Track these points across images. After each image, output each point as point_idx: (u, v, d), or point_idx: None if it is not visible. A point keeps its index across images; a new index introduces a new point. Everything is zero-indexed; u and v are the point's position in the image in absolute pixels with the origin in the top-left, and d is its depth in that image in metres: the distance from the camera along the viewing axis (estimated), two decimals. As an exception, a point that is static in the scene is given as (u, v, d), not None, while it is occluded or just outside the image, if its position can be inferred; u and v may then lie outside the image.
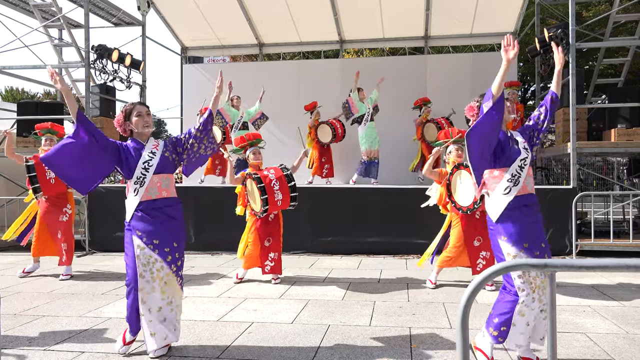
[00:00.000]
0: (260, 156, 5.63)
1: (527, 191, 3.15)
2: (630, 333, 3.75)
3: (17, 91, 29.18)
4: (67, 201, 6.12)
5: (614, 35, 10.27)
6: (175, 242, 3.44)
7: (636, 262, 1.60)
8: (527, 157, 3.15)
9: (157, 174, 3.43)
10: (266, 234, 5.50)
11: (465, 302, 1.65)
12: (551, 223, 6.85)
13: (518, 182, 3.12)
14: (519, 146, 3.17)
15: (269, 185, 5.16)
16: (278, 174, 5.26)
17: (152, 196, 3.40)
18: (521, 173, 3.12)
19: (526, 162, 3.14)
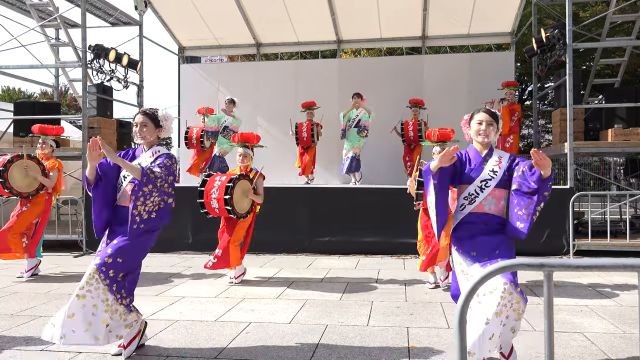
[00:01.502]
0: (246, 159, 5.54)
1: (482, 210, 3.11)
2: (627, 332, 3.76)
3: (13, 91, 29.10)
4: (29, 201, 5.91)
5: (610, 35, 10.29)
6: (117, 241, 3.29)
7: (633, 262, 1.60)
8: (492, 179, 3.10)
9: (132, 183, 3.35)
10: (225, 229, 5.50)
11: (462, 302, 1.66)
12: (548, 223, 6.87)
13: (474, 202, 3.12)
14: (485, 166, 3.14)
15: (207, 192, 5.23)
16: (223, 184, 5.17)
17: (120, 202, 3.42)
18: (480, 193, 3.10)
19: (488, 185, 3.09)
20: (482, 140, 3.18)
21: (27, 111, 8.80)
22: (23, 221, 5.93)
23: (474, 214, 3.13)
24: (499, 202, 3.13)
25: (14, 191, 5.74)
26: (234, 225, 5.48)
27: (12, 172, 5.72)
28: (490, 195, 3.11)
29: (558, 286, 5.15)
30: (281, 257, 7.16)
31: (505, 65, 10.14)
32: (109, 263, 3.25)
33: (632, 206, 8.64)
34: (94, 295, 3.25)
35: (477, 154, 3.21)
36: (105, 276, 3.25)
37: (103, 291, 3.25)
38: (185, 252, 7.61)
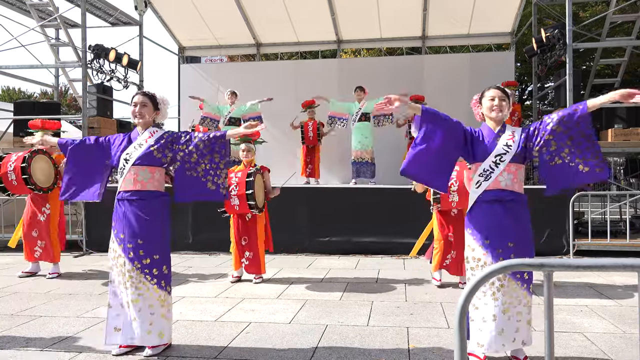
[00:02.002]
0: (250, 154, 5.55)
1: (499, 186, 3.10)
2: (627, 332, 3.76)
3: (13, 91, 29.11)
4: (47, 200, 5.99)
5: (610, 35, 10.29)
6: (141, 239, 3.34)
7: (633, 262, 1.60)
8: (506, 153, 3.08)
9: (135, 166, 3.41)
10: (242, 233, 5.51)
11: (462, 302, 1.66)
12: (548, 223, 6.87)
13: (489, 177, 3.10)
14: (498, 141, 3.13)
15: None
16: (241, 179, 5.22)
17: (127, 187, 3.43)
18: (495, 169, 3.08)
19: (503, 159, 3.08)
20: (496, 115, 3.16)
21: (27, 111, 8.80)
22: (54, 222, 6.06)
23: (490, 191, 3.11)
24: (515, 177, 3.12)
25: (37, 186, 5.80)
26: (251, 227, 5.50)
27: (33, 167, 5.81)
28: (506, 170, 3.08)
29: (558, 286, 5.15)
30: (281, 257, 7.16)
31: (505, 65, 10.14)
32: (148, 264, 3.33)
33: (632, 206, 8.63)
34: (146, 296, 3.35)
35: (490, 131, 3.19)
36: (152, 276, 3.35)
37: (154, 290, 3.37)
38: (185, 252, 7.61)
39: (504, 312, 3.00)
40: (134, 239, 3.35)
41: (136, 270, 3.32)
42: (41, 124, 6.23)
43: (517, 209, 3.11)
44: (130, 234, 3.36)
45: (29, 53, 9.70)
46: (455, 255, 5.13)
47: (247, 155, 5.55)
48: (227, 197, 3.62)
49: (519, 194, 3.15)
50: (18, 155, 5.83)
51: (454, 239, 5.14)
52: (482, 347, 3.07)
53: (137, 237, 3.35)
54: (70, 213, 7.97)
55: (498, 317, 3.01)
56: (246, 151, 5.55)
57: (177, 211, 7.62)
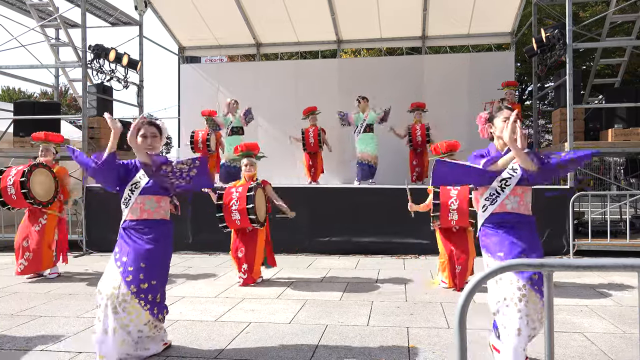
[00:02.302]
0: (252, 168, 5.56)
1: (505, 210, 3.09)
2: (627, 333, 3.76)
3: (13, 91, 29.11)
4: (44, 212, 5.93)
5: (610, 35, 10.29)
6: (143, 263, 3.27)
7: (633, 262, 1.60)
8: (511, 177, 3.05)
9: (142, 195, 3.36)
10: (240, 244, 5.49)
11: (463, 302, 1.66)
12: (548, 223, 6.87)
13: (495, 202, 3.09)
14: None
15: (227, 205, 5.25)
16: (242, 194, 5.23)
17: (133, 216, 3.37)
18: (501, 193, 3.07)
19: (508, 183, 3.05)
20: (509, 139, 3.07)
21: (27, 111, 8.80)
22: (49, 234, 5.97)
23: (497, 214, 3.11)
24: (522, 199, 3.10)
25: (36, 201, 5.75)
26: (250, 240, 5.48)
27: (33, 181, 5.75)
28: (512, 194, 3.07)
29: (558, 286, 5.15)
30: (281, 257, 7.15)
31: (505, 65, 10.14)
32: (146, 289, 3.26)
33: (632, 206, 8.63)
34: (136, 322, 3.26)
35: (497, 153, 3.15)
36: (145, 302, 3.26)
37: (145, 315, 3.28)
38: (185, 252, 7.61)
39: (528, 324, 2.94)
40: (136, 263, 3.26)
41: (131, 294, 3.20)
42: (44, 137, 6.23)
43: (526, 229, 3.10)
44: (134, 258, 3.28)
45: (29, 53, 9.71)
46: (461, 270, 5.12)
47: (249, 170, 5.55)
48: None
49: (527, 215, 3.12)
50: (17, 170, 5.78)
51: (456, 254, 5.15)
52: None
53: (140, 260, 3.28)
54: (70, 213, 7.98)
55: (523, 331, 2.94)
56: (249, 165, 5.55)
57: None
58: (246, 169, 5.56)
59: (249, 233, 5.50)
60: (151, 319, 3.30)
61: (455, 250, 5.14)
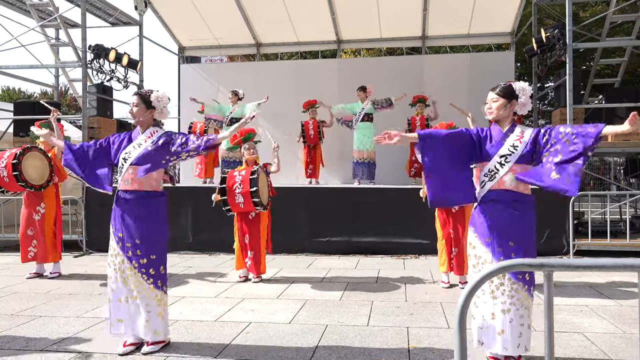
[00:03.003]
0: (255, 151, 5.61)
1: (503, 187, 3.10)
2: (627, 332, 3.76)
3: (13, 91, 29.11)
4: (41, 199, 5.95)
5: (610, 35, 10.29)
6: (138, 239, 3.39)
7: (633, 262, 1.60)
8: (512, 154, 3.06)
9: (133, 166, 3.44)
10: (246, 231, 5.54)
11: (463, 302, 1.66)
12: (548, 223, 6.87)
13: (494, 178, 3.11)
14: (505, 142, 3.12)
15: (230, 188, 5.27)
16: (245, 177, 5.26)
17: (125, 186, 3.47)
18: (499, 169, 3.08)
19: (508, 160, 3.06)
20: (489, 117, 3.21)
21: (27, 111, 8.80)
22: (49, 221, 6.00)
23: (494, 190, 3.12)
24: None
25: (29, 184, 5.74)
26: (254, 226, 5.52)
27: (25, 164, 5.74)
28: (511, 171, 3.08)
29: (558, 286, 5.15)
30: (281, 257, 7.16)
31: (505, 65, 10.14)
32: (145, 263, 3.38)
33: (632, 206, 8.63)
34: (143, 295, 3.40)
35: (499, 131, 3.19)
36: (148, 276, 3.40)
37: (151, 289, 3.41)
38: (185, 252, 7.61)
39: (503, 311, 3.00)
40: (131, 239, 3.40)
41: (134, 269, 3.37)
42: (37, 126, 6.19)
43: (522, 210, 3.10)
44: (128, 234, 3.41)
45: (29, 53, 9.70)
46: (457, 252, 5.14)
47: (251, 153, 5.58)
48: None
49: (525, 194, 3.13)
50: (11, 152, 5.77)
51: (454, 235, 5.16)
52: (483, 346, 3.08)
53: (135, 237, 3.40)
54: (70, 213, 7.98)
55: (497, 316, 3.01)
56: (251, 149, 5.59)
57: (177, 211, 7.62)
58: (248, 153, 5.58)
59: (253, 220, 5.52)
60: (157, 293, 3.44)
61: (453, 232, 5.15)
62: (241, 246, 5.59)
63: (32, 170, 5.80)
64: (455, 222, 5.20)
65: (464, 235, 5.11)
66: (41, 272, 6.06)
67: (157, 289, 3.45)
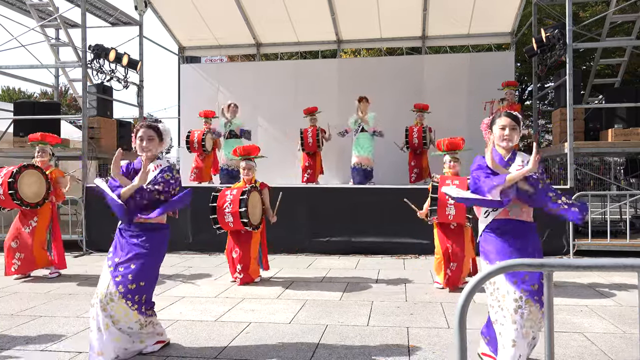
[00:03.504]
0: (250, 172, 5.54)
1: (507, 216, 3.08)
2: (627, 333, 3.76)
3: (13, 91, 29.11)
4: (35, 214, 5.93)
5: (610, 35, 10.28)
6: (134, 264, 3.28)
7: (633, 262, 1.60)
8: None
9: None
10: (234, 245, 5.51)
11: (463, 302, 1.66)
12: (548, 223, 6.86)
13: (497, 209, 3.08)
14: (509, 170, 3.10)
15: (220, 207, 5.29)
16: (235, 197, 5.26)
17: None
18: None
19: None
20: (506, 145, 3.15)
21: (27, 111, 8.80)
22: (40, 235, 5.96)
23: (498, 220, 3.10)
24: (524, 206, 3.09)
25: (24, 202, 5.72)
26: (245, 241, 5.49)
27: (21, 183, 5.72)
28: (514, 201, 3.04)
29: (558, 286, 5.15)
30: (281, 257, 7.16)
31: (505, 65, 10.14)
32: (133, 289, 3.27)
33: (632, 206, 8.63)
34: (125, 320, 3.29)
35: (500, 159, 3.15)
36: (132, 302, 3.28)
37: (134, 315, 3.31)
38: (185, 252, 7.61)
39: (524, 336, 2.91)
40: (127, 263, 3.29)
41: (119, 294, 3.22)
42: (40, 137, 6.19)
43: (528, 236, 3.08)
44: (126, 259, 3.30)
45: (29, 53, 9.70)
46: (455, 267, 5.13)
47: (247, 174, 5.55)
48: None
49: (528, 222, 3.11)
50: (7, 170, 5.75)
51: (452, 251, 5.15)
52: None
53: (132, 261, 3.29)
54: (70, 213, 7.98)
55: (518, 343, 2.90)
56: (247, 169, 5.54)
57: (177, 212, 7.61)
58: (244, 173, 5.56)
59: (244, 234, 5.50)
60: (140, 318, 3.33)
61: (452, 248, 5.14)
62: (229, 259, 5.57)
63: (27, 188, 5.77)
64: (454, 239, 5.17)
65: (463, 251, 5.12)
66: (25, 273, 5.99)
67: (141, 315, 3.32)
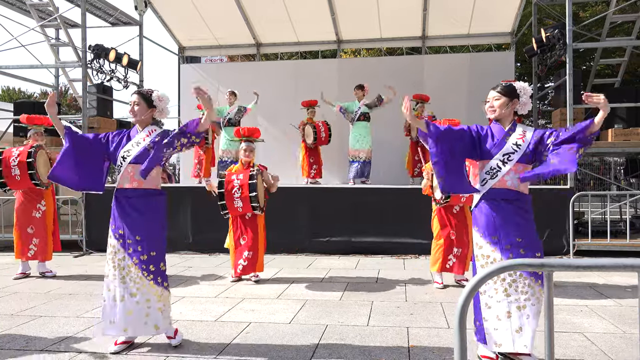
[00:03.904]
0: (251, 154, 5.53)
1: (504, 186, 3.10)
2: (627, 332, 3.76)
3: (13, 91, 29.11)
4: (42, 197, 5.96)
5: (610, 35, 10.29)
6: (139, 235, 3.40)
7: (633, 262, 1.60)
8: (514, 152, 3.07)
9: (133, 164, 3.44)
10: (242, 232, 5.51)
11: (463, 302, 1.66)
12: (549, 223, 6.87)
13: (496, 176, 3.10)
14: (508, 140, 3.12)
15: (228, 192, 5.26)
16: (244, 181, 5.24)
17: (124, 184, 3.47)
18: (502, 167, 3.08)
19: (511, 158, 3.07)
20: (491, 116, 3.21)
21: (27, 111, 8.75)
22: (49, 219, 6.05)
23: (496, 189, 3.11)
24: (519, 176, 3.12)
25: (41, 182, 5.78)
26: (252, 227, 5.48)
27: (38, 162, 5.77)
28: (513, 170, 3.08)
29: (558, 286, 5.15)
30: (281, 257, 7.16)
31: (505, 65, 10.15)
32: (146, 260, 3.39)
33: (632, 206, 8.63)
34: (144, 292, 3.40)
35: (500, 129, 3.19)
36: (148, 272, 3.40)
37: (151, 285, 3.42)
38: (185, 252, 7.61)
39: (519, 308, 2.98)
40: (132, 235, 3.41)
41: (134, 266, 3.38)
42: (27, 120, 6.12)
43: (524, 208, 3.12)
44: (130, 231, 3.42)
45: (29, 53, 9.70)
46: (460, 252, 5.12)
47: (248, 156, 5.51)
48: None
49: (524, 194, 3.15)
50: (20, 150, 5.77)
51: (455, 236, 5.14)
52: (500, 347, 3.03)
53: (136, 233, 3.41)
54: (70, 213, 7.98)
55: (513, 315, 2.99)
56: (248, 151, 5.52)
57: (177, 211, 7.63)
58: (244, 154, 5.51)
59: (249, 220, 5.48)
60: (158, 289, 3.45)
61: (456, 232, 5.12)
62: (236, 247, 5.53)
63: (44, 168, 5.83)
64: (457, 223, 5.17)
65: (467, 235, 5.08)
66: (26, 271, 6.02)
67: (158, 285, 3.46)
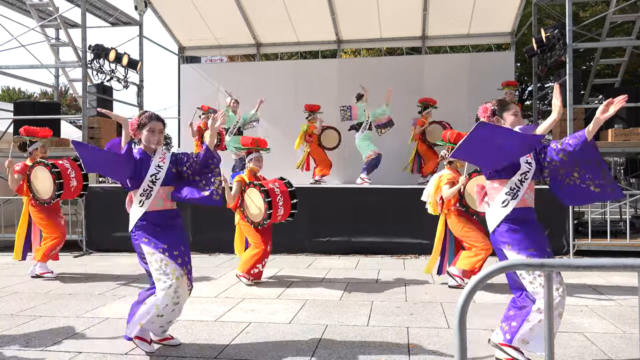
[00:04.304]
0: (261, 164, 5.64)
1: (526, 205, 3.10)
2: (627, 332, 3.76)
3: (13, 91, 29.10)
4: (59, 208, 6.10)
5: (610, 35, 10.29)
6: (183, 247, 3.50)
7: (633, 262, 1.60)
8: (529, 171, 3.07)
9: (164, 186, 3.48)
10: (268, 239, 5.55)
11: (463, 302, 1.66)
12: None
13: (517, 196, 3.08)
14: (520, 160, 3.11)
15: (275, 201, 5.23)
16: (282, 189, 5.32)
17: (158, 207, 3.46)
18: (520, 187, 3.07)
19: (527, 177, 3.07)
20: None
21: (27, 111, 8.81)
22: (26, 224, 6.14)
23: (519, 209, 3.09)
24: (533, 193, 3.15)
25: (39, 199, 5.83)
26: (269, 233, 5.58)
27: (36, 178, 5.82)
28: (529, 188, 3.09)
29: (558, 286, 5.14)
30: (281, 257, 7.16)
31: (505, 65, 10.14)
32: (190, 269, 3.51)
33: (632, 206, 8.63)
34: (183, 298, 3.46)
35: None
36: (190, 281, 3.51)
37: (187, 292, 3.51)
38: (185, 252, 7.60)
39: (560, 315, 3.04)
40: (178, 248, 3.46)
41: (185, 276, 3.43)
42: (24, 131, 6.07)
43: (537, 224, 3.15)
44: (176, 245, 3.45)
45: (29, 53, 9.70)
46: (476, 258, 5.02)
47: (258, 165, 5.61)
48: (220, 204, 3.57)
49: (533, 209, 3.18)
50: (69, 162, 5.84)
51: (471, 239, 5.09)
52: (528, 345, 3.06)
53: (181, 245, 3.49)
54: (70, 213, 7.98)
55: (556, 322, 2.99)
56: (259, 160, 5.62)
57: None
58: (258, 164, 5.60)
59: (267, 228, 5.54)
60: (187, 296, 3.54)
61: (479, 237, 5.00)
62: (263, 254, 5.46)
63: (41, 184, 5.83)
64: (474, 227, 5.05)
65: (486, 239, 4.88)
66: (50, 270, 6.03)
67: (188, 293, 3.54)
